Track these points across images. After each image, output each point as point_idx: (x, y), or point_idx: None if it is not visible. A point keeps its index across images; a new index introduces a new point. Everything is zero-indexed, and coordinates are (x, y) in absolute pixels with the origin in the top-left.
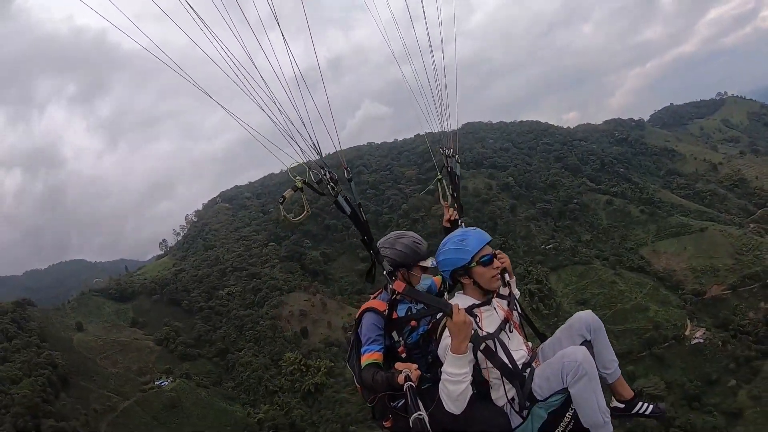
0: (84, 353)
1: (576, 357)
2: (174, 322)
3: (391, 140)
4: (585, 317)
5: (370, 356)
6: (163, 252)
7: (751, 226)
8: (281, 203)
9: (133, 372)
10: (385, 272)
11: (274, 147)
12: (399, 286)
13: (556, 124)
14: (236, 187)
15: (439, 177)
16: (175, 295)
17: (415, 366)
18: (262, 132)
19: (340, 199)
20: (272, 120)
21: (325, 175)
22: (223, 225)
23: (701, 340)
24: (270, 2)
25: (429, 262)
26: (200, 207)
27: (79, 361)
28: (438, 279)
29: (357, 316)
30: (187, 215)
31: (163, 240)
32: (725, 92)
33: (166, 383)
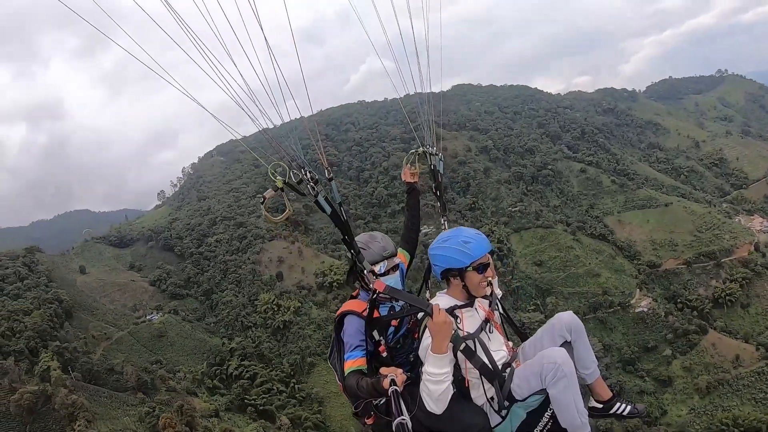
0: (86, 292)
1: (556, 359)
2: (166, 266)
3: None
4: (566, 318)
5: (354, 362)
6: (161, 202)
7: (724, 205)
8: (262, 203)
9: (128, 308)
10: (366, 271)
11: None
12: (380, 285)
13: (565, 88)
14: (231, 141)
15: (419, 151)
16: (169, 241)
17: (400, 370)
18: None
19: (320, 199)
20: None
21: (305, 175)
22: (216, 177)
23: (645, 309)
24: None
25: (378, 267)
26: (197, 159)
27: (81, 299)
28: (401, 254)
29: (337, 316)
30: (184, 167)
31: (161, 191)
32: (726, 70)
33: (156, 318)
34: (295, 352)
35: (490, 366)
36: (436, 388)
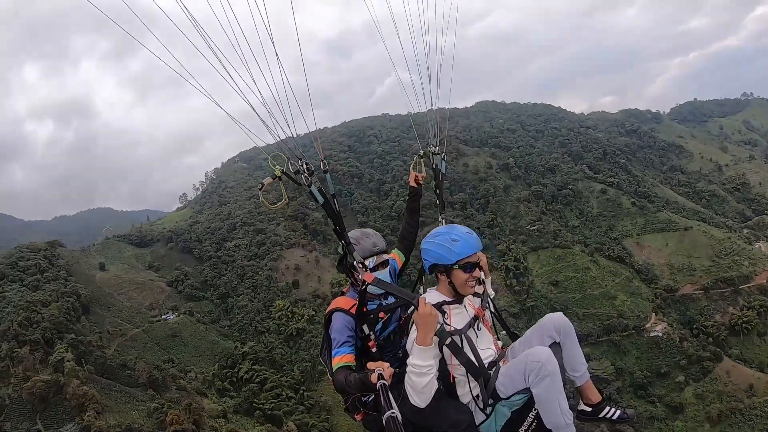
0: (104, 288)
1: (539, 357)
2: (185, 267)
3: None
4: (555, 319)
5: (341, 359)
6: (182, 204)
7: (744, 231)
8: (260, 189)
9: (145, 307)
10: (355, 262)
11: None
12: (369, 277)
13: (589, 108)
14: (254, 148)
15: (421, 153)
16: (188, 243)
17: (387, 364)
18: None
19: (313, 189)
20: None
21: (301, 166)
22: (238, 183)
23: (659, 334)
24: None
25: (367, 262)
26: (220, 165)
27: (99, 294)
28: (395, 254)
29: (326, 314)
30: (207, 172)
31: (184, 194)
32: (751, 93)
33: (172, 317)
34: (307, 360)
35: (475, 363)
36: (419, 380)
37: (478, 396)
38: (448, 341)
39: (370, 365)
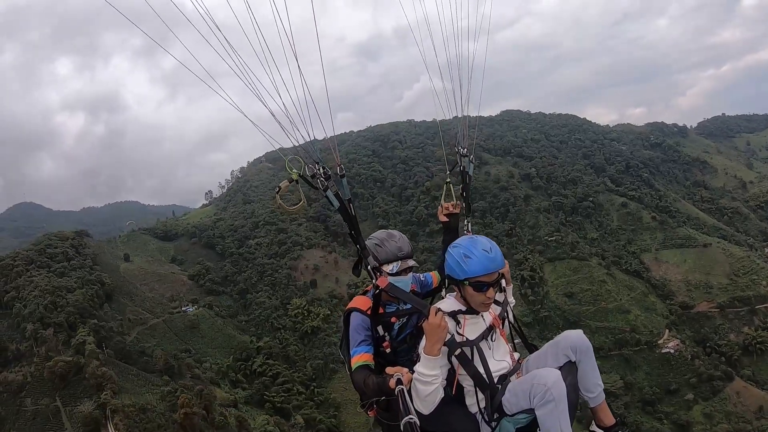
0: (127, 278)
1: (546, 381)
2: (206, 262)
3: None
4: (573, 337)
5: (360, 358)
6: (207, 201)
7: (766, 250)
8: (277, 192)
9: (166, 298)
10: (369, 267)
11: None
12: (383, 282)
13: (617, 119)
14: (281, 149)
15: (448, 180)
16: (211, 240)
17: (405, 370)
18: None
19: (329, 193)
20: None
21: (318, 170)
22: (263, 183)
23: (672, 351)
24: None
25: (390, 267)
26: (246, 164)
27: (122, 284)
28: (435, 275)
29: (345, 312)
30: (233, 170)
31: (209, 191)
32: None
33: (191, 310)
34: (319, 358)
35: (484, 376)
36: (423, 389)
37: (485, 408)
38: (457, 352)
39: (389, 370)
